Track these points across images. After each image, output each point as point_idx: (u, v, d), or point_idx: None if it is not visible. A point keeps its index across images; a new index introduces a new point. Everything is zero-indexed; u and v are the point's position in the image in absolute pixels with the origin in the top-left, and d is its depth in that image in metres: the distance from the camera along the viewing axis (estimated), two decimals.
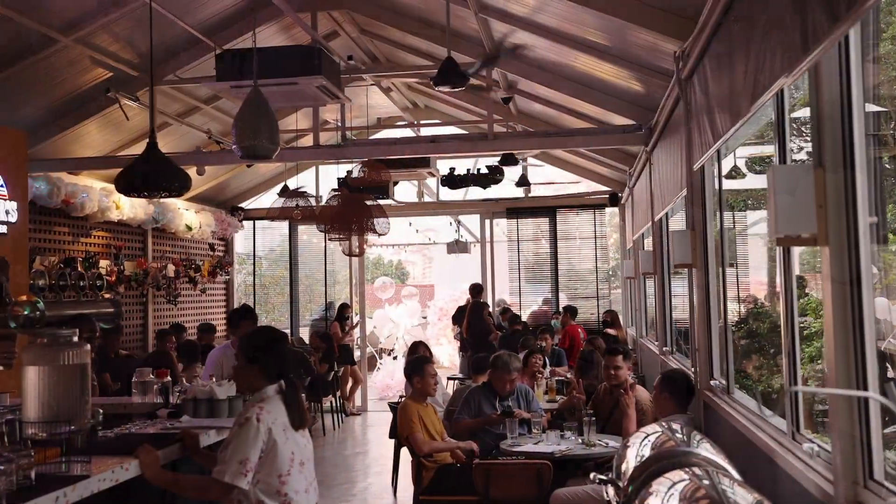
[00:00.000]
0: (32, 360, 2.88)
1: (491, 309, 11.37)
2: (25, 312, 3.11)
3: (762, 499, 2.24)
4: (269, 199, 12.03)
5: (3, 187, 6.17)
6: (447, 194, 11.74)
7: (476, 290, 11.31)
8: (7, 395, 4.49)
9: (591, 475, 2.91)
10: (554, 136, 7.58)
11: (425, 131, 10.79)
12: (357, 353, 11.66)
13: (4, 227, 6.18)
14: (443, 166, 10.12)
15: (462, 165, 10.60)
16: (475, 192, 11.86)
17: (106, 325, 3.71)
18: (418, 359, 5.71)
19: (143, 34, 6.94)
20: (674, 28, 4.87)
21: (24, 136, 6.56)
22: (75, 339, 2.97)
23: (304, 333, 12.22)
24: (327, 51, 6.38)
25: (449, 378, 10.16)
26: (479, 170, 10.35)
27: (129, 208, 8.78)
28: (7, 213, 6.21)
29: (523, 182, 10.76)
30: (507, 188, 11.27)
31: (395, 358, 13.42)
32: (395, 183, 10.49)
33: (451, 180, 10.03)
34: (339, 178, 9.49)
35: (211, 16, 7.07)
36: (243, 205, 12.15)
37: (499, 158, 9.26)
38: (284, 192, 9.61)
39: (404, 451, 6.74)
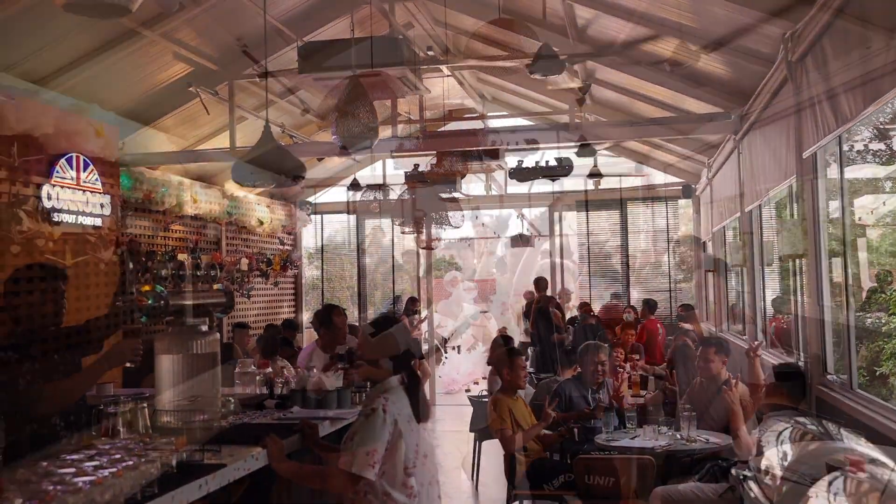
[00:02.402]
0: (165, 348, 2.89)
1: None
2: (149, 302, 3.12)
3: None
4: (336, 193, 12.09)
5: (97, 181, 6.29)
6: (513, 187, 11.61)
7: (542, 284, 11.16)
8: (111, 385, 4.56)
9: (733, 471, 2.80)
10: (638, 126, 7.39)
11: (492, 123, 10.68)
12: (425, 347, 11.63)
13: (99, 219, 6.30)
14: (510, 159, 9.98)
15: (529, 158, 10.43)
16: (538, 185, 11.68)
17: (220, 315, 3.72)
18: (508, 350, 5.61)
19: (224, 29, 7.02)
20: (777, 8, 4.67)
21: (117, 131, 6.68)
22: (205, 328, 2.97)
23: None
24: (409, 42, 6.34)
25: None
26: (547, 162, 10.17)
27: (205, 202, 8.88)
28: (101, 206, 6.33)
29: (595, 174, 10.55)
30: (572, 181, 11.06)
31: (458, 351, 13.37)
32: (463, 176, 10.39)
33: (520, 173, 9.88)
34: (405, 172, 9.45)
35: (288, 9, 7.10)
36: (311, 199, 12.22)
37: (575, 150, 9.08)
38: (355, 185, 9.61)
39: (486, 445, 6.66)
